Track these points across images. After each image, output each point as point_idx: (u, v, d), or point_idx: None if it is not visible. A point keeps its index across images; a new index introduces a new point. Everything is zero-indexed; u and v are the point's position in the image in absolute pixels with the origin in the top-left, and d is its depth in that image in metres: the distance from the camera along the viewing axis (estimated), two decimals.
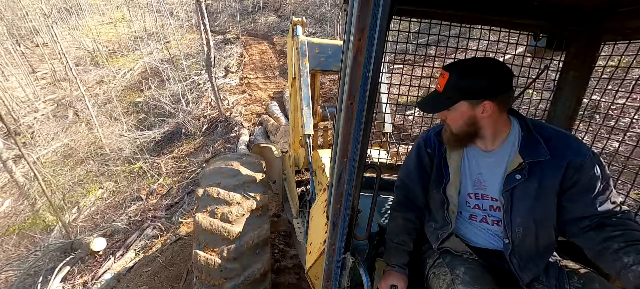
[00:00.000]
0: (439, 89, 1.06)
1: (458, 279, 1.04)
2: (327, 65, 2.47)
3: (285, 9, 22.01)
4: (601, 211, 0.97)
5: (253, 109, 9.04)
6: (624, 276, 0.86)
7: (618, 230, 0.93)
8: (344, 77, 0.92)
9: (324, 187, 1.65)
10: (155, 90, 11.68)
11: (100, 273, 3.94)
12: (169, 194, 6.18)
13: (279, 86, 11.45)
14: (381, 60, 1.06)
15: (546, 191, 1.01)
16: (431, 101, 1.10)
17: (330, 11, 16.47)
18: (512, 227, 1.06)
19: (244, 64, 14.33)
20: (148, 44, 17.43)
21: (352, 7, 0.82)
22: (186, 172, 6.77)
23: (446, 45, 1.73)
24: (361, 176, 0.94)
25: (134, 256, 4.09)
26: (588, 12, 1.35)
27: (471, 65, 1.02)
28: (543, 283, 1.07)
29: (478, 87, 0.99)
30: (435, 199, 1.22)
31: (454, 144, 1.13)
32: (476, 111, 1.02)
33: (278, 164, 3.22)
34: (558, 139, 1.02)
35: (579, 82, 1.49)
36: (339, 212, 0.91)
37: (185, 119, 9.06)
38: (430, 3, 1.35)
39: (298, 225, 2.54)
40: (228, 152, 6.32)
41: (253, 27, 21.11)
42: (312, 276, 1.33)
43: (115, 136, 9.70)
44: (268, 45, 17.36)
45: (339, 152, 0.85)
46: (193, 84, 11.90)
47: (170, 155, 8.08)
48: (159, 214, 5.35)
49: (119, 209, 6.47)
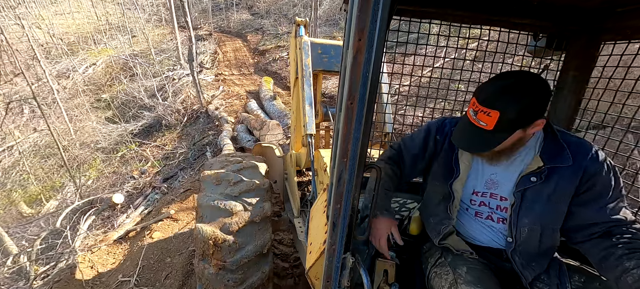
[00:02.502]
0: (487, 127, 0.95)
1: (460, 278, 1.03)
2: (330, 66, 2.47)
3: (258, 7, 21.86)
4: (610, 219, 0.96)
5: (232, 102, 9.32)
6: (623, 280, 0.86)
7: (624, 239, 0.93)
8: (344, 77, 0.92)
9: (325, 187, 1.65)
10: (128, 84, 11.78)
11: (120, 222, 4.80)
12: (161, 172, 6.67)
13: (254, 82, 11.63)
14: (381, 60, 1.06)
15: (559, 196, 1.01)
16: (478, 139, 0.98)
17: (304, 12, 16.36)
18: (518, 227, 1.05)
19: (218, 61, 14.41)
20: (113, 37, 16.74)
21: (352, 7, 0.82)
22: (177, 153, 7.25)
23: (446, 45, 1.73)
24: (361, 176, 0.94)
25: (145, 210, 5.01)
26: (588, 11, 1.35)
27: (515, 92, 0.92)
28: (545, 282, 1.07)
29: (530, 112, 0.93)
30: (439, 192, 1.20)
31: (489, 157, 1.09)
32: (528, 132, 0.97)
33: (279, 163, 3.23)
34: (577, 146, 1.01)
35: (579, 82, 1.49)
36: (339, 212, 0.90)
37: (166, 112, 9.40)
38: (430, 3, 1.34)
39: (299, 225, 2.54)
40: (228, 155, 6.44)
41: (226, 24, 21.02)
42: (312, 276, 1.33)
43: (89, 129, 9.67)
44: (242, 43, 17.36)
45: (339, 152, 0.85)
46: (167, 79, 11.91)
47: (154, 144, 8.46)
48: (157, 185, 5.92)
49: (114, 186, 6.81)
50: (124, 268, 3.69)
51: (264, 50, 15.44)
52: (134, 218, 4.83)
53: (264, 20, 19.68)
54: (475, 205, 1.16)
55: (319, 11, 14.28)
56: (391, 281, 1.19)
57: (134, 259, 3.70)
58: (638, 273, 0.83)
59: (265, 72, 12.86)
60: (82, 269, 3.65)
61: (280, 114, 7.15)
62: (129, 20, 17.71)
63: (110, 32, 17.25)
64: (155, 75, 12.28)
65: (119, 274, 3.53)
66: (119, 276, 3.50)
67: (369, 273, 1.05)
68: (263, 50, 15.49)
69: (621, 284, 0.87)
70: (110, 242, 4.18)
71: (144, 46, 15.45)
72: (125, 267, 3.69)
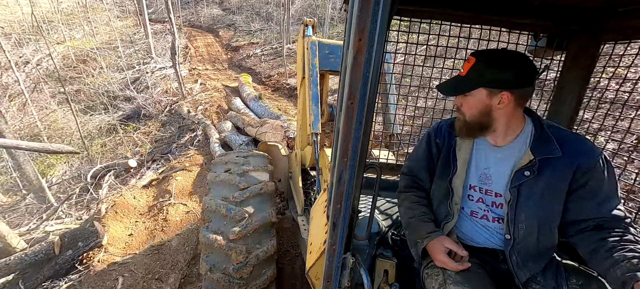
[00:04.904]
0: (462, 73, 1.06)
1: (450, 278, 1.03)
2: (337, 66, 2.49)
3: (229, 3, 21.59)
4: (602, 214, 0.97)
5: (212, 94, 9.53)
6: (612, 272, 0.86)
7: (615, 233, 0.93)
8: (344, 77, 0.91)
9: (325, 187, 1.65)
10: (97, 77, 11.77)
11: (133, 183, 5.42)
12: (153, 152, 7.23)
13: (230, 77, 11.69)
14: (381, 60, 1.06)
15: (554, 191, 1.01)
16: (452, 84, 1.10)
17: (276, 11, 16.32)
18: (516, 223, 1.05)
19: (190, 56, 14.43)
20: (71, 28, 15.86)
21: (352, 7, 0.82)
22: (166, 135, 7.88)
23: (446, 45, 1.73)
24: (361, 176, 0.94)
25: (153, 174, 5.58)
26: (588, 11, 1.34)
27: (499, 55, 1.01)
28: (540, 283, 1.06)
29: (499, 77, 0.98)
30: (440, 189, 1.21)
31: (465, 133, 1.12)
32: (493, 101, 1.01)
33: (284, 162, 3.27)
34: (571, 140, 1.01)
35: (579, 82, 1.49)
36: (339, 212, 0.90)
37: (146, 103, 9.72)
38: (431, 3, 1.34)
39: (302, 222, 2.57)
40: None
41: (196, 18, 20.76)
42: (312, 276, 1.33)
43: (62, 120, 9.55)
44: (214, 38, 17.27)
45: (339, 152, 0.85)
46: (140, 72, 11.92)
47: (138, 131, 8.74)
48: (156, 158, 6.68)
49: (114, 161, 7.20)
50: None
51: (237, 47, 15.44)
52: (150, 175, 5.52)
53: (236, 16, 19.53)
54: (473, 201, 1.16)
55: (291, 10, 14.34)
56: (391, 281, 1.19)
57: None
58: (626, 266, 0.83)
59: (240, 68, 12.95)
60: (117, 206, 4.35)
61: (271, 115, 7.03)
62: (90, 10, 16.84)
63: (70, 22, 16.12)
64: (129, 67, 12.27)
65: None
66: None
67: (369, 273, 1.05)
68: (236, 47, 15.47)
69: (610, 277, 0.88)
70: (139, 188, 4.96)
71: (106, 38, 14.88)
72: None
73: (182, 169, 5.36)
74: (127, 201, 4.47)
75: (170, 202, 4.40)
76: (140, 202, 4.61)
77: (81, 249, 3.43)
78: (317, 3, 15.94)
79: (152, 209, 4.44)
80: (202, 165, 5.58)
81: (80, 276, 3.21)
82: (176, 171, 5.29)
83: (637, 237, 0.92)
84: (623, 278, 0.82)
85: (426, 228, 1.15)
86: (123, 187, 5.35)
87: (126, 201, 4.47)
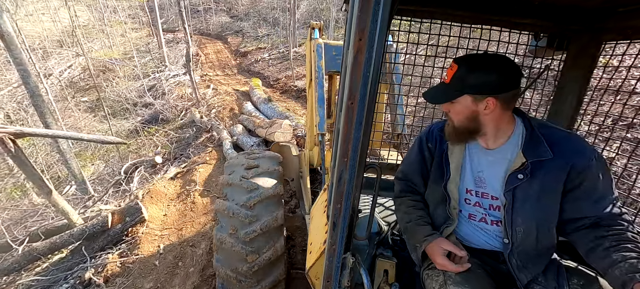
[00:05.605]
0: (446, 80, 1.04)
1: (450, 279, 1.02)
2: None
3: (237, 10, 21.98)
4: (599, 213, 0.96)
5: (224, 98, 9.84)
6: (611, 272, 0.86)
7: (612, 231, 0.92)
8: (344, 77, 0.91)
9: (325, 187, 1.65)
10: (116, 85, 12.31)
11: (160, 176, 5.97)
12: (175, 151, 7.72)
13: (240, 82, 11.98)
14: (382, 60, 1.06)
15: (548, 192, 0.99)
16: (437, 91, 1.08)
17: (283, 16, 16.55)
18: (513, 227, 1.04)
19: (201, 63, 14.72)
20: (89, 40, 16.82)
21: (352, 7, 0.81)
22: (184, 136, 8.29)
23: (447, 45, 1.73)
24: (361, 176, 0.93)
25: (177, 169, 6.08)
26: (589, 11, 1.33)
27: (480, 60, 0.99)
28: (541, 284, 1.05)
29: (483, 83, 0.96)
30: (436, 195, 1.20)
31: (454, 138, 1.11)
32: (479, 107, 0.99)
33: (295, 162, 3.31)
34: (563, 140, 0.99)
35: (580, 82, 1.47)
36: (339, 212, 0.90)
37: (164, 108, 10.37)
38: (431, 3, 1.34)
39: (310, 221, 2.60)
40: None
41: (205, 26, 21.17)
42: (312, 275, 1.33)
43: (87, 128, 10.16)
44: (223, 44, 17.65)
45: (339, 152, 0.85)
46: (156, 79, 12.41)
47: (160, 132, 9.19)
48: (177, 156, 7.20)
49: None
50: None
51: (246, 52, 15.71)
52: (174, 170, 6.11)
53: (244, 23, 19.87)
54: (470, 204, 1.15)
55: (297, 15, 14.51)
56: (391, 281, 1.19)
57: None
58: (626, 266, 0.83)
59: (249, 73, 13.16)
60: (152, 193, 4.97)
61: (280, 116, 7.15)
62: (107, 23, 17.53)
63: (88, 35, 17.14)
64: (145, 76, 12.78)
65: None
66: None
67: (369, 273, 1.05)
68: (245, 52, 15.76)
69: (609, 277, 0.87)
70: (166, 179, 5.61)
71: (122, 49, 15.60)
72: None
73: (204, 163, 5.94)
74: (159, 189, 5.12)
75: (196, 189, 5.02)
76: (170, 190, 5.26)
77: (128, 223, 4.15)
78: (322, 6, 16.03)
79: (181, 195, 5.06)
80: (220, 159, 6.25)
81: (128, 245, 3.93)
82: (198, 164, 5.86)
83: (634, 235, 0.91)
84: (623, 278, 0.82)
85: (423, 232, 1.14)
86: (154, 177, 6.06)
87: (158, 189, 5.13)
